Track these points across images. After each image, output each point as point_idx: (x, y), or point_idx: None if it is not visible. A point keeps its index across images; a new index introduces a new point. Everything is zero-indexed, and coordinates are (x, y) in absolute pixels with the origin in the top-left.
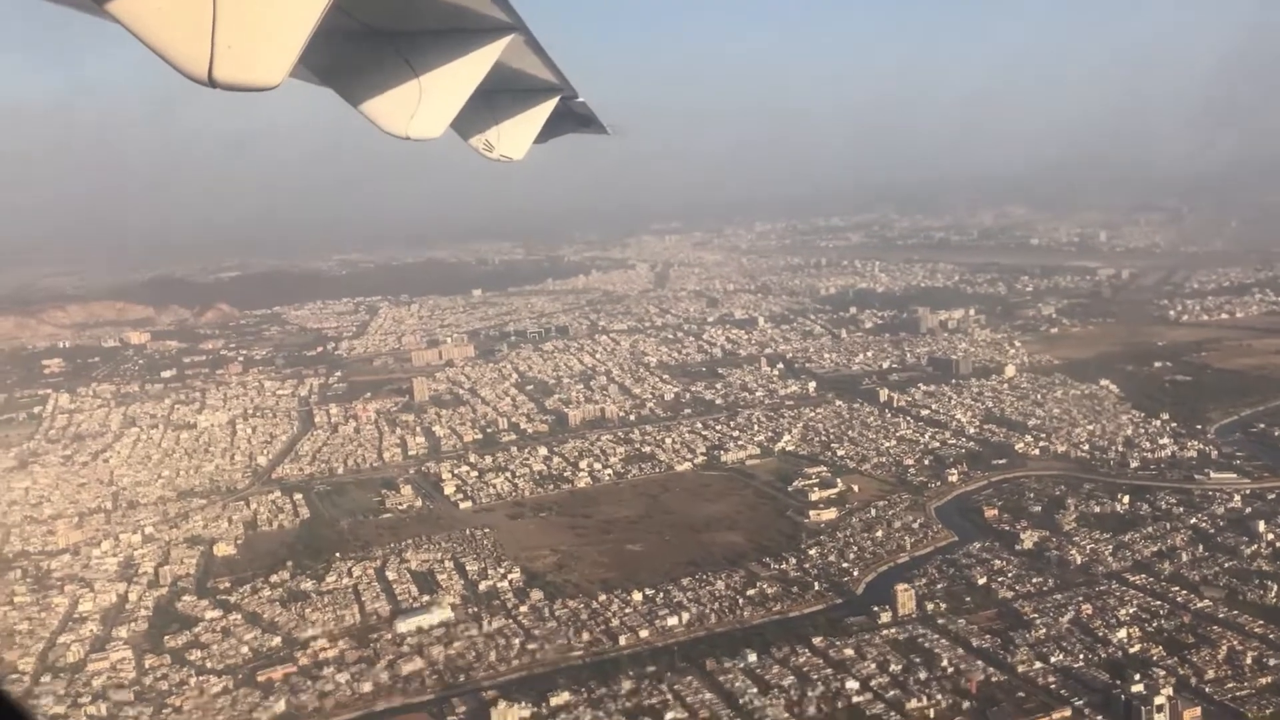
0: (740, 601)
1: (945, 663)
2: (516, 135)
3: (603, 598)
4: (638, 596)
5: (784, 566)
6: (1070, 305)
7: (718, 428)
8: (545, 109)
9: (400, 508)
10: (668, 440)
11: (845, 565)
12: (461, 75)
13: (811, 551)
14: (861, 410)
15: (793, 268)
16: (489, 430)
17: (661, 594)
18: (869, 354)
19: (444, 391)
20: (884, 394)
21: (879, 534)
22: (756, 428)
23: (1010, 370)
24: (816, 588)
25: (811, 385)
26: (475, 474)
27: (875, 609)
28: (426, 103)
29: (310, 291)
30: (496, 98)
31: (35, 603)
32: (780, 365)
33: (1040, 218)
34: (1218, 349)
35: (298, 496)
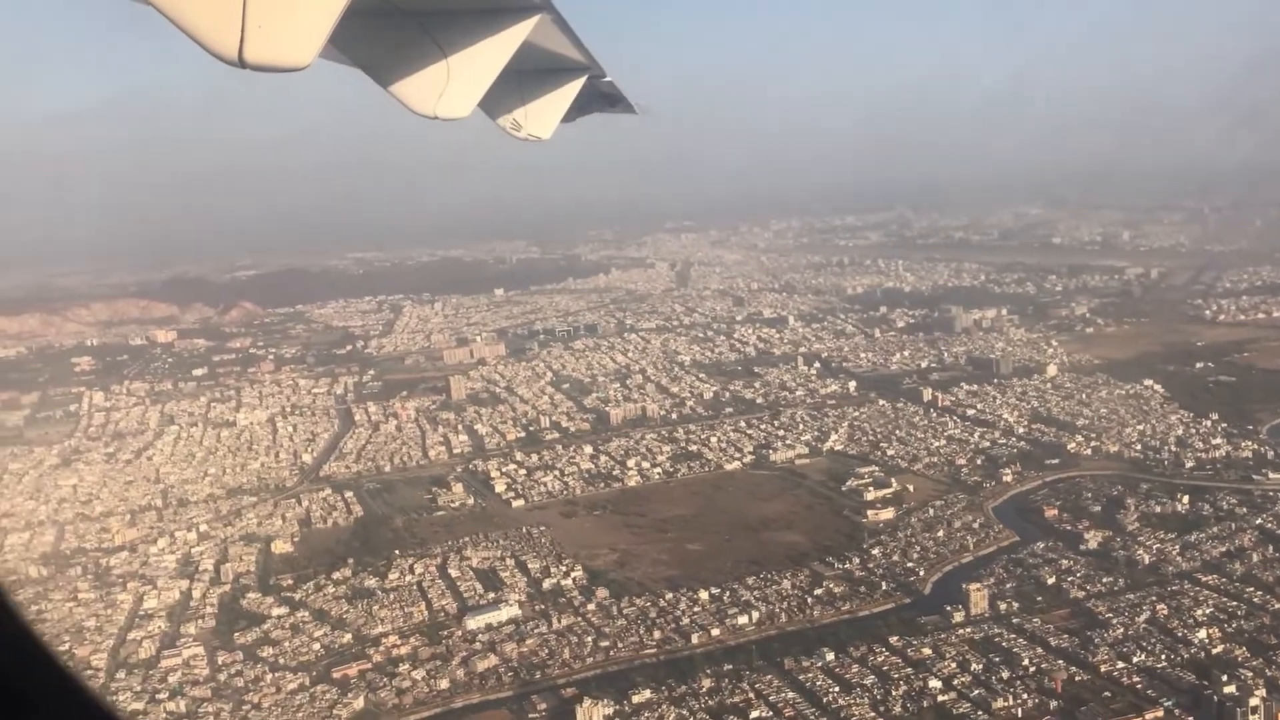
0: (809, 601)
1: (1026, 662)
2: (544, 115)
3: (669, 596)
4: (704, 595)
5: (848, 566)
6: (1102, 304)
7: (762, 427)
8: (573, 88)
9: (453, 505)
10: (713, 439)
11: (910, 565)
12: (489, 55)
13: (874, 551)
14: (906, 410)
15: (815, 266)
16: (531, 429)
17: (728, 593)
18: (905, 353)
19: (480, 390)
20: (927, 393)
21: (940, 534)
22: (802, 427)
23: (1052, 370)
24: (884, 587)
25: (852, 384)
26: (524, 472)
27: (948, 608)
28: (455, 82)
29: (330, 290)
30: (524, 77)
31: (100, 599)
32: (817, 364)
33: (1058, 217)
34: (1258, 349)
35: (348, 494)
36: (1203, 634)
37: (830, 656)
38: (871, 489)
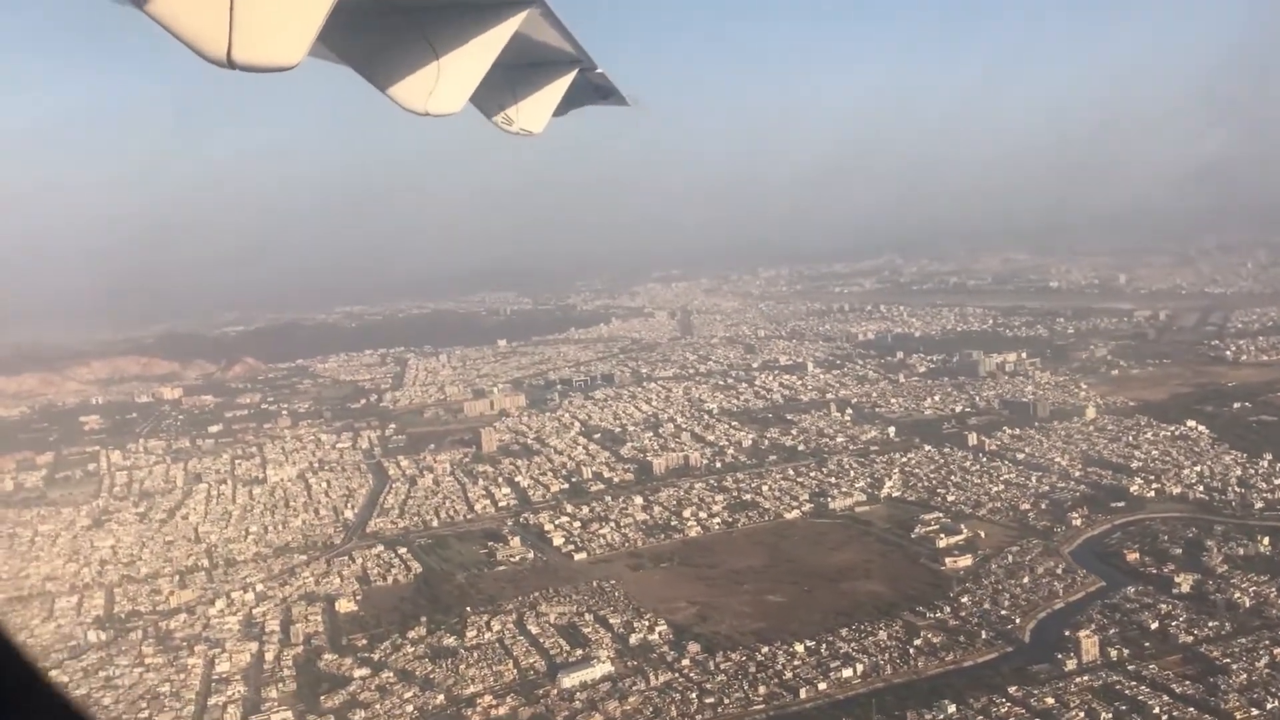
0: (910, 651)
1: (1157, 710)
2: (535, 108)
3: (765, 650)
4: (800, 648)
5: (939, 615)
6: (1120, 347)
7: (811, 474)
8: (564, 82)
9: (512, 560)
10: (764, 488)
11: (1003, 613)
12: (480, 49)
13: (964, 599)
14: (954, 455)
15: (816, 313)
16: (574, 480)
17: (824, 645)
18: (935, 398)
19: (510, 442)
20: (972, 438)
21: (1025, 580)
22: (853, 474)
23: (1091, 412)
24: (983, 636)
25: (891, 430)
26: (578, 525)
27: (1058, 656)
28: (445, 78)
29: (328, 344)
30: (515, 71)
31: (169, 663)
32: (849, 410)
33: (1047, 262)
34: None
35: (402, 550)
36: None
37: (952, 709)
38: (943, 536)
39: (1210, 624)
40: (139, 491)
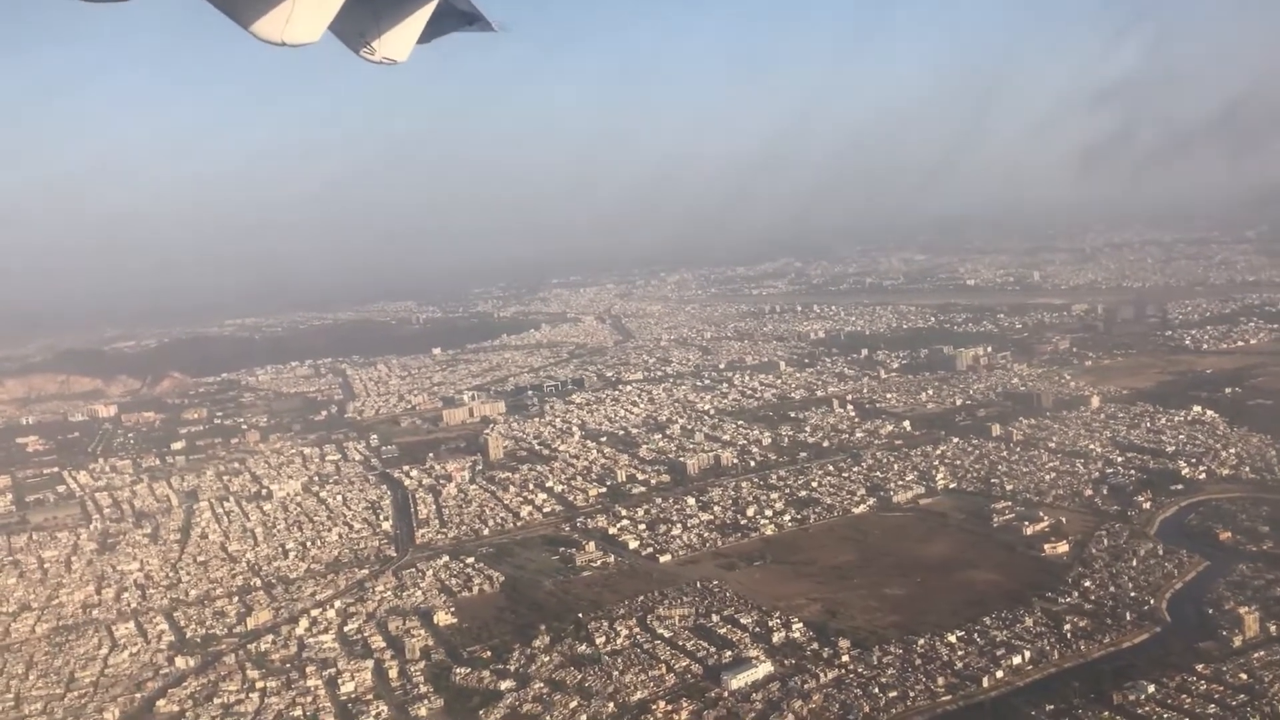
0: (1067, 636)
1: None
2: (399, 36)
3: (920, 642)
4: (951, 639)
5: (1070, 600)
6: (1078, 339)
7: (854, 469)
8: (428, 8)
9: (594, 565)
10: (814, 484)
11: (1133, 594)
12: None
13: (1086, 584)
14: (984, 445)
15: (750, 315)
16: (609, 483)
17: (976, 634)
18: (929, 392)
19: (515, 448)
20: (995, 429)
21: (1134, 563)
22: (896, 467)
23: (1096, 401)
24: (1128, 617)
25: (906, 424)
26: (643, 527)
27: (1222, 632)
28: (303, 4)
29: (243, 358)
30: None
31: (285, 686)
32: (850, 406)
33: (947, 261)
34: (1265, 374)
35: (469, 560)
36: None
37: (1151, 689)
38: (1026, 525)
39: None
40: (133, 512)
